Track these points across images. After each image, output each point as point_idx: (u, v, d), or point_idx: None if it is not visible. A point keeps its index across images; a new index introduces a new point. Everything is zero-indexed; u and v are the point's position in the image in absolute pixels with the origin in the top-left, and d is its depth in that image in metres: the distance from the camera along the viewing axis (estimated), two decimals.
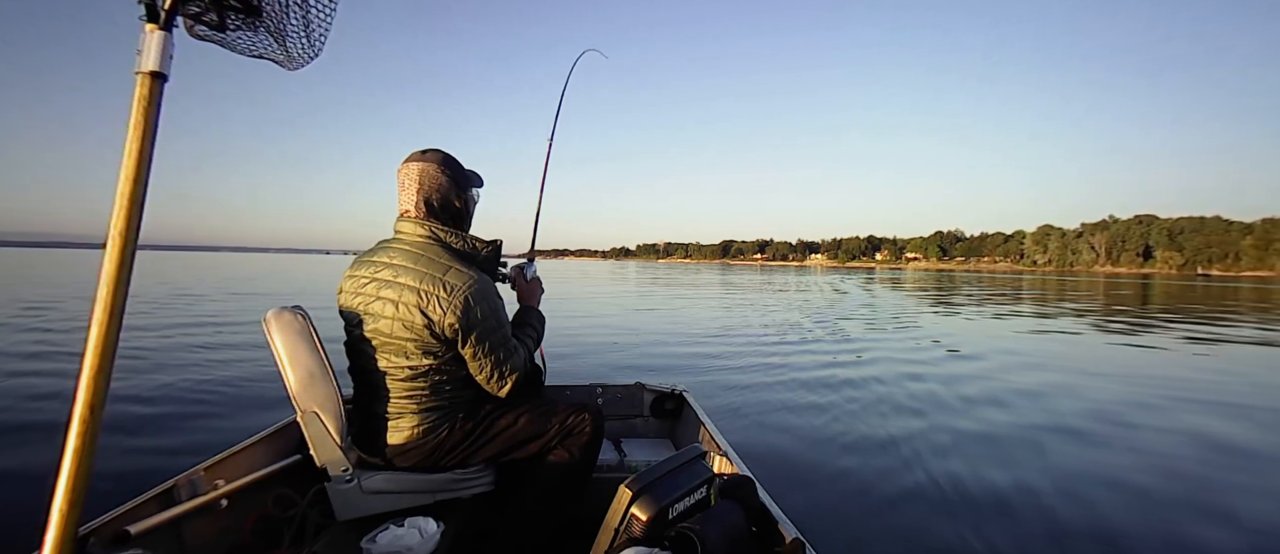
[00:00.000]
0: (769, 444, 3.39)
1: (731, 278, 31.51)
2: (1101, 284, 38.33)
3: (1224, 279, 66.29)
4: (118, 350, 0.77)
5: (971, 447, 3.39)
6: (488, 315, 1.44)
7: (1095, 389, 5.06)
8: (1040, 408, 4.35)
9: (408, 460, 1.52)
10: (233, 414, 3.78)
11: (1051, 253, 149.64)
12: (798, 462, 3.13)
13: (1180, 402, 4.66)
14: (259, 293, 15.53)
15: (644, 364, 6.03)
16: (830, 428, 3.75)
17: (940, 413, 4.12)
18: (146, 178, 0.78)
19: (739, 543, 1.21)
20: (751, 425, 3.78)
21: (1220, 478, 3.01)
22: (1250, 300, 20.48)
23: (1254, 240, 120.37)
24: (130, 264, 0.77)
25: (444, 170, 1.51)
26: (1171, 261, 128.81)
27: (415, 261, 1.45)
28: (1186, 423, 4.06)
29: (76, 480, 0.73)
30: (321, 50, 1.01)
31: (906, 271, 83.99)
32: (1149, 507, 2.65)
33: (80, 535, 1.05)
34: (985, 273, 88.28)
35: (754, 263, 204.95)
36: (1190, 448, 3.49)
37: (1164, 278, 69.78)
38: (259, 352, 5.74)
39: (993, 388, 5.01)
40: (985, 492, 2.75)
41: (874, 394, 4.69)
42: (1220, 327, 10.95)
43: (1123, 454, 3.33)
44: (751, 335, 8.38)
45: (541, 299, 1.91)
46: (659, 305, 13.56)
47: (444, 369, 1.48)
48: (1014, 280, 43.13)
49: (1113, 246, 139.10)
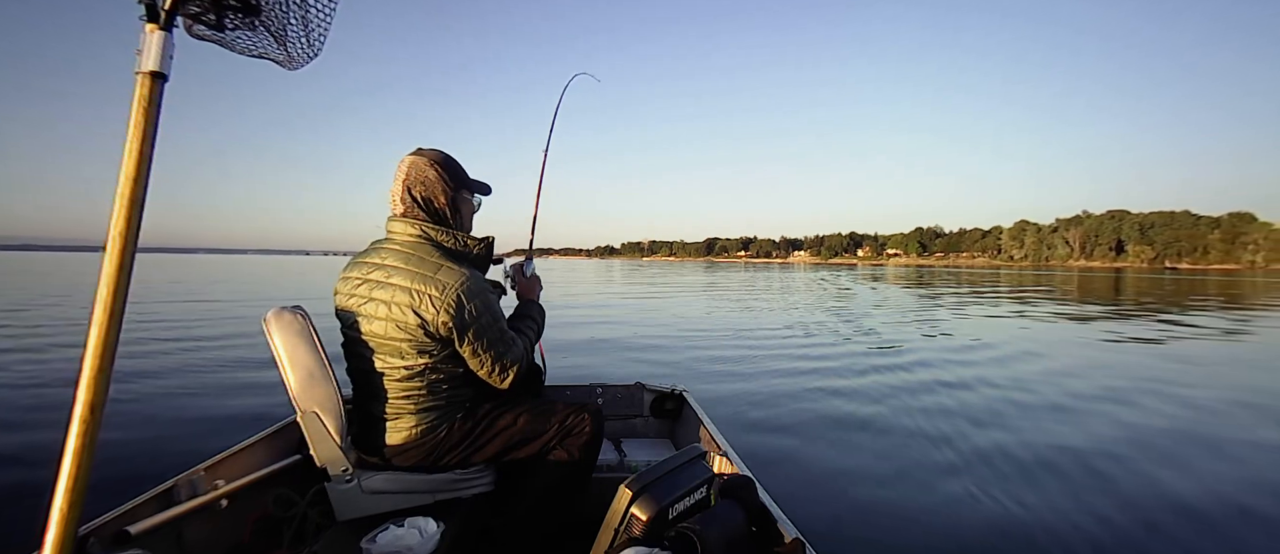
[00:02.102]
0: (769, 444, 3.39)
1: (729, 277, 31.50)
2: (1076, 278, 38.85)
3: (1192, 272, 67.98)
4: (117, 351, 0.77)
5: (973, 447, 3.39)
6: (482, 311, 1.44)
7: (1083, 376, 5.07)
8: (1045, 404, 4.35)
9: (407, 460, 1.52)
10: (233, 414, 3.79)
11: (1027, 248, 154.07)
12: (798, 462, 3.13)
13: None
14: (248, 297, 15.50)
15: (644, 364, 6.04)
16: (830, 427, 3.75)
17: (940, 412, 4.12)
18: (147, 178, 0.78)
19: (739, 543, 1.21)
20: (752, 425, 3.78)
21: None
22: (1241, 293, 20.50)
23: (1221, 234, 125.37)
24: (130, 265, 0.77)
25: (433, 166, 1.50)
26: (1143, 256, 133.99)
27: (406, 262, 1.44)
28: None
29: (76, 480, 0.73)
30: (321, 50, 1.00)
31: (887, 268, 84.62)
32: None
33: (80, 535, 1.05)
34: (964, 268, 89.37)
35: (738, 260, 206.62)
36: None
37: (1135, 272, 71.17)
38: (259, 352, 5.73)
39: (1000, 386, 5.01)
40: (986, 492, 2.75)
41: (874, 394, 4.69)
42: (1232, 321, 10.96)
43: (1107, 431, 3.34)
44: (756, 335, 8.37)
45: (541, 294, 1.91)
46: (669, 306, 13.56)
47: (440, 368, 1.48)
48: (992, 275, 43.51)
49: (1087, 241, 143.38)
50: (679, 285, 17.32)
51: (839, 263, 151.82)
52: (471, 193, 1.61)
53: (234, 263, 59.47)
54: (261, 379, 4.75)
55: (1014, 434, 3.65)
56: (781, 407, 4.25)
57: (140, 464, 2.83)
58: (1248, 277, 52.35)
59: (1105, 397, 4.72)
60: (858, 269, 64.71)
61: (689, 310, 12.27)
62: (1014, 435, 3.62)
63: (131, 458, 2.94)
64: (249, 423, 2.66)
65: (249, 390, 4.49)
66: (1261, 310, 14.15)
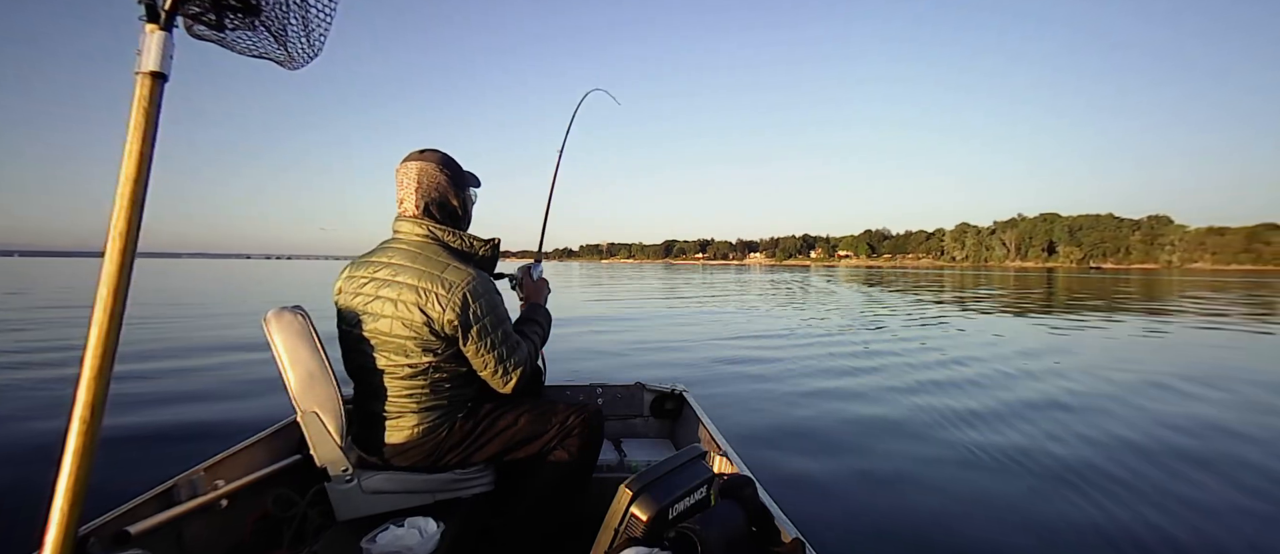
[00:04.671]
0: (769, 444, 3.39)
1: (691, 278, 31.03)
2: (1012, 278, 39.60)
3: (1116, 271, 71.60)
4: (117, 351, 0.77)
5: (974, 446, 3.39)
6: (487, 311, 1.45)
7: (1089, 382, 5.07)
8: (1050, 401, 4.35)
9: (407, 460, 1.52)
10: (233, 414, 3.78)
11: (968, 249, 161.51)
12: (798, 462, 3.13)
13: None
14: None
15: (643, 366, 6.03)
16: (831, 428, 3.75)
17: (941, 412, 4.12)
18: (147, 179, 0.78)
19: (739, 543, 1.21)
20: (752, 425, 3.78)
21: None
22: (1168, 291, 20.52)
23: (1141, 236, 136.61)
24: (130, 266, 0.76)
25: (442, 170, 1.53)
26: (1072, 256, 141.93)
27: (413, 261, 1.46)
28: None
29: (76, 481, 0.73)
30: (321, 50, 1.01)
31: (839, 268, 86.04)
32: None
33: (80, 535, 1.05)
34: (910, 268, 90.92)
35: (696, 262, 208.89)
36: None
37: (1065, 271, 73.86)
38: (259, 352, 5.73)
39: (1008, 385, 5.01)
40: (986, 492, 2.75)
41: (874, 394, 4.69)
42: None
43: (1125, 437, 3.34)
44: (754, 336, 8.38)
45: (548, 298, 1.91)
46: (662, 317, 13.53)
47: (444, 367, 1.48)
48: (938, 276, 44.30)
49: (1021, 243, 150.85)
50: (642, 291, 17.27)
51: (793, 264, 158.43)
52: (470, 189, 1.63)
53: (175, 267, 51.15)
54: (261, 379, 4.75)
55: (1014, 434, 3.65)
56: (782, 407, 4.25)
57: (140, 464, 2.82)
58: (1164, 275, 54.86)
59: (1106, 394, 4.72)
60: (811, 270, 65.61)
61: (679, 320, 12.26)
62: (1014, 436, 3.61)
63: (131, 458, 2.94)
64: (248, 423, 2.65)
65: (249, 390, 4.49)
66: (1173, 308, 14.17)
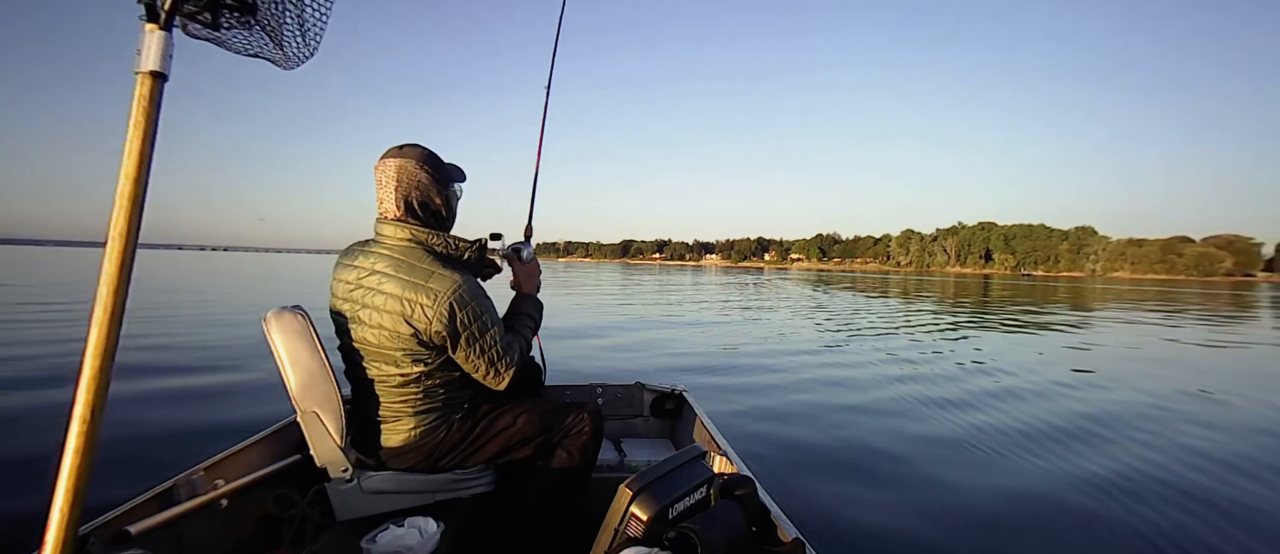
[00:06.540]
0: (769, 444, 3.39)
1: (660, 279, 30.82)
2: (952, 283, 40.39)
3: (1046, 279, 74.17)
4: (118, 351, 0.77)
5: (974, 446, 3.39)
6: (475, 318, 1.42)
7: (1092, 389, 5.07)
8: (1055, 406, 4.35)
9: (407, 461, 1.52)
10: (233, 414, 3.78)
11: (913, 255, 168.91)
12: (798, 462, 3.13)
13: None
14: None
15: (644, 366, 6.03)
16: (831, 428, 3.74)
17: (941, 412, 4.12)
18: (147, 178, 0.78)
19: (739, 543, 1.20)
20: (752, 425, 3.77)
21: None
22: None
23: (1068, 246, 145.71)
24: (130, 265, 0.76)
25: (423, 167, 1.46)
26: (1006, 263, 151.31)
27: (397, 269, 1.41)
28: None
29: (76, 481, 0.73)
30: (317, 49, 1.00)
31: (791, 271, 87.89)
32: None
33: (80, 535, 1.05)
34: (858, 272, 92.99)
35: (653, 262, 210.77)
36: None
37: (1000, 277, 76.53)
38: (259, 351, 5.73)
39: (1003, 391, 5.01)
40: (985, 492, 2.75)
41: (874, 394, 4.69)
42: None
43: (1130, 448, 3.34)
44: (750, 338, 8.37)
45: (540, 284, 1.84)
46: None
47: (436, 374, 1.47)
48: (884, 280, 45.28)
49: (961, 250, 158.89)
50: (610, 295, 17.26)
51: (748, 266, 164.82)
52: (454, 185, 1.56)
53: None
54: (257, 379, 4.74)
55: (1017, 434, 3.65)
56: (783, 406, 4.24)
57: (140, 464, 2.82)
58: (1088, 283, 56.71)
59: (1088, 383, 4.72)
60: (765, 273, 66.35)
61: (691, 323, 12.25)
62: (1016, 435, 3.62)
63: (131, 458, 2.94)
64: (248, 423, 2.66)
65: (249, 390, 4.49)
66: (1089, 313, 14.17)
